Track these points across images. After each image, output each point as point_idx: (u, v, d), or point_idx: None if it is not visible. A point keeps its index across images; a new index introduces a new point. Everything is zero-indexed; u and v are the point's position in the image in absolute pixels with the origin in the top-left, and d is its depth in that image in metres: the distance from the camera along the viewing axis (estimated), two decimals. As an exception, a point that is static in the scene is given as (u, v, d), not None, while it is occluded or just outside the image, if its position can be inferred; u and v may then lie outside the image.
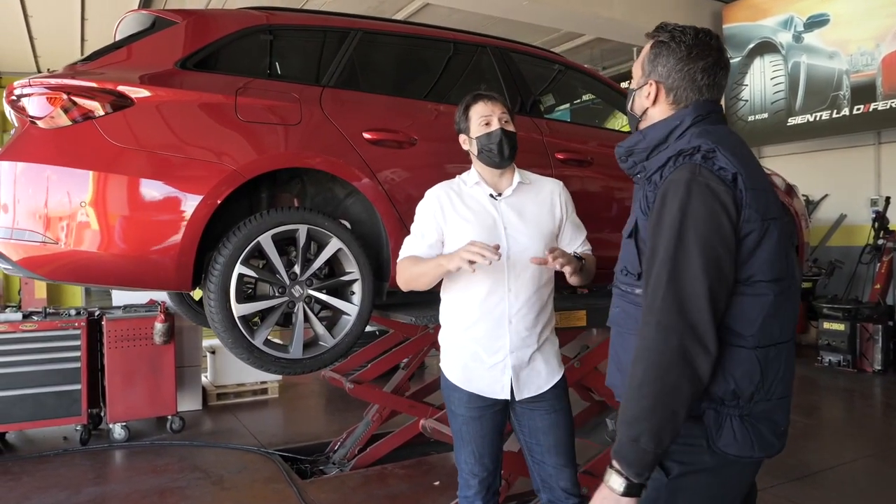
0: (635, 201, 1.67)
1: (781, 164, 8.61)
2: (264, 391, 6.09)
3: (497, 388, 2.23)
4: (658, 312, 1.38)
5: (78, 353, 4.59)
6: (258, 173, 2.56)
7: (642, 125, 1.65)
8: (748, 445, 1.44)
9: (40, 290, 9.67)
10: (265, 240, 2.56)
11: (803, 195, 8.27)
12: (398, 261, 2.27)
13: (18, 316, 4.53)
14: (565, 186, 2.39)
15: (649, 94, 1.62)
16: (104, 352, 4.73)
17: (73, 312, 4.76)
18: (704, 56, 1.58)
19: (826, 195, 8.32)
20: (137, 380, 4.76)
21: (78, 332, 4.58)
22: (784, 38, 7.75)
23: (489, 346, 2.23)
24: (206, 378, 6.01)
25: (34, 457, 4.44)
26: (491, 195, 2.26)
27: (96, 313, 4.87)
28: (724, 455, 1.45)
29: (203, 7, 7.35)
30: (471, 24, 7.95)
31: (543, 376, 2.28)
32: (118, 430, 4.71)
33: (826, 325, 7.08)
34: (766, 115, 8.03)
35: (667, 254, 1.40)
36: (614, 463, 1.39)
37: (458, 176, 2.34)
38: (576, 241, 2.36)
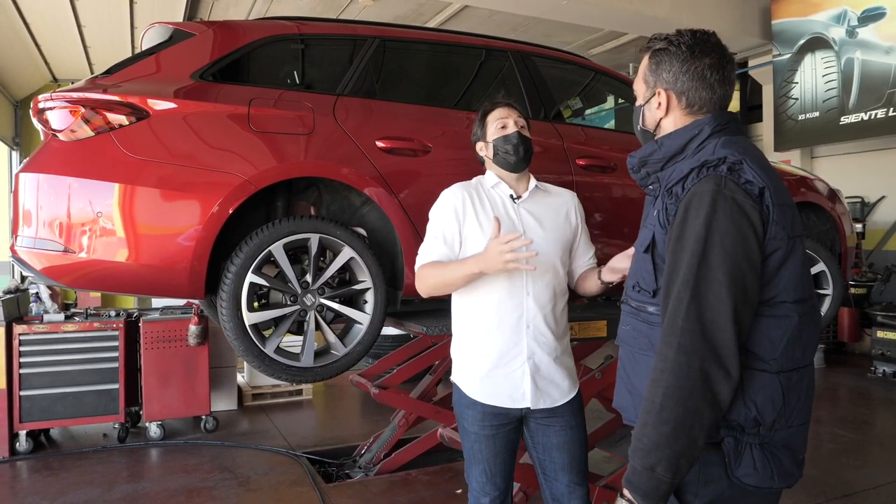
0: (645, 215, 1.62)
1: (834, 164, 8.25)
2: (300, 392, 6.16)
3: (517, 396, 2.17)
4: (679, 334, 1.33)
5: (116, 354, 4.74)
6: (269, 183, 2.59)
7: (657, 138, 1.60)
8: (768, 475, 1.38)
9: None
10: (276, 249, 2.59)
11: (857, 197, 7.91)
12: (418, 268, 2.19)
13: (60, 317, 4.70)
14: (586, 194, 2.33)
15: (660, 104, 1.57)
16: (141, 352, 4.87)
17: (112, 314, 4.92)
18: (708, 53, 1.52)
19: (883, 197, 7.93)
20: (172, 380, 4.90)
21: (116, 333, 4.74)
22: (837, 33, 7.41)
23: (507, 352, 2.17)
24: (242, 378, 6.12)
25: (74, 453, 4.61)
26: (511, 196, 2.23)
27: (134, 315, 5.02)
28: (742, 485, 1.39)
29: (246, 16, 7.50)
30: (510, 25, 7.88)
31: (560, 389, 2.22)
32: (154, 429, 4.85)
33: (880, 333, 6.76)
34: (817, 114, 7.68)
35: (689, 272, 1.34)
36: (626, 493, 1.36)
37: (474, 178, 2.30)
38: (587, 255, 2.36)
